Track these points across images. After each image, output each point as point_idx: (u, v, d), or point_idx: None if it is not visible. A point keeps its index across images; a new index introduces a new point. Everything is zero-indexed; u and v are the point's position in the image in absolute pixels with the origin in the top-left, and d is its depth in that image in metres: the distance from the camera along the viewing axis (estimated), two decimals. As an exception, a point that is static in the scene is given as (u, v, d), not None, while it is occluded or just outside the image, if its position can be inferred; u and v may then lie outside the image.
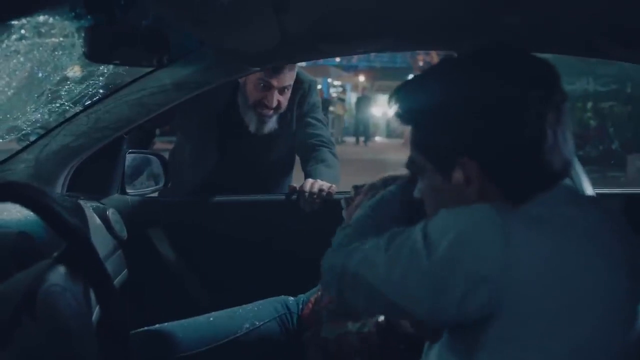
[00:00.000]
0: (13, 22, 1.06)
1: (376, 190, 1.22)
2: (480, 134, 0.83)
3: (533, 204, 0.81)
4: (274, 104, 2.01)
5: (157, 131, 2.38)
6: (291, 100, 2.11)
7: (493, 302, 0.76)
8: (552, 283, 0.76)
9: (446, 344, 0.87)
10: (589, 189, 1.13)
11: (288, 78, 2.01)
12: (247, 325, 1.49)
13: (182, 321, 1.47)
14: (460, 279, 0.76)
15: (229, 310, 1.54)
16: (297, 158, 2.27)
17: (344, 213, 1.29)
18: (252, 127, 2.06)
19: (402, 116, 0.93)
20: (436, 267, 0.78)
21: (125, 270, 1.60)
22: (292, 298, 1.61)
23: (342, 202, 1.31)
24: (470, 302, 0.76)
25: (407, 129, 0.97)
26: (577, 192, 0.87)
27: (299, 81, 2.11)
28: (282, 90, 2.01)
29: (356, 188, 1.29)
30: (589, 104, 12.46)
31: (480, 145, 0.84)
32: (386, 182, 1.23)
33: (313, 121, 2.16)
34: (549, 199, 0.82)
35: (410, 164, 0.96)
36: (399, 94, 0.93)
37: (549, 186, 0.83)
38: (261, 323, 1.51)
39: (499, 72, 0.85)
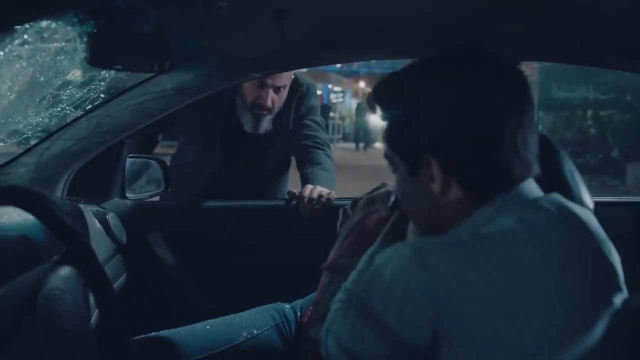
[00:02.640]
0: (16, 27, 1.07)
1: (373, 204, 1.22)
2: (442, 133, 0.86)
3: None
4: (269, 102, 2.03)
5: (159, 137, 2.38)
6: (289, 103, 2.12)
7: (436, 327, 0.79)
8: (482, 302, 0.77)
9: None
10: (587, 198, 1.13)
11: (284, 78, 2.02)
12: (245, 334, 1.48)
13: (180, 329, 1.47)
14: (401, 312, 0.80)
15: (226, 317, 1.53)
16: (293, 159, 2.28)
17: (338, 225, 1.29)
18: (247, 127, 2.09)
19: (375, 110, 0.96)
20: (383, 317, 0.82)
21: (125, 274, 1.60)
22: (287, 305, 1.61)
23: (340, 213, 1.31)
24: (417, 330, 0.80)
25: None
26: (535, 198, 0.87)
27: (297, 84, 2.12)
28: (277, 90, 2.03)
29: (354, 203, 1.28)
30: (589, 112, 12.47)
31: (442, 144, 0.86)
32: (382, 196, 1.23)
33: (310, 123, 2.18)
34: (511, 202, 0.84)
35: (385, 157, 0.99)
36: (376, 91, 0.97)
37: (508, 187, 0.85)
38: (259, 332, 1.50)
39: (465, 73, 0.87)
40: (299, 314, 1.56)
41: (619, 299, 0.83)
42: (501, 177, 0.85)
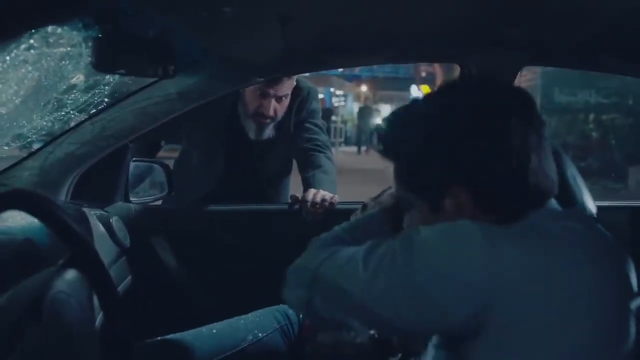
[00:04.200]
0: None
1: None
2: (468, 163, 0.85)
3: (530, 219, 0.83)
4: (271, 112, 2.04)
5: (163, 142, 2.40)
6: (290, 107, 2.14)
7: (479, 314, 0.76)
8: (539, 294, 0.76)
9: (438, 357, 0.88)
10: (590, 202, 1.13)
11: (286, 87, 2.04)
12: (251, 337, 1.49)
13: (186, 333, 1.47)
14: (445, 290, 0.77)
15: (230, 320, 1.54)
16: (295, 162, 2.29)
17: None
18: (251, 135, 2.11)
19: (386, 153, 0.95)
20: (421, 278, 0.78)
21: (129, 277, 1.61)
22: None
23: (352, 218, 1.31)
24: (456, 314, 0.77)
25: None
26: (564, 210, 0.88)
27: (298, 88, 2.14)
28: (279, 99, 2.05)
29: (365, 208, 1.27)
30: (591, 116, 12.47)
31: (469, 174, 0.86)
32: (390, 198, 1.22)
33: (310, 126, 2.19)
34: (537, 216, 0.84)
35: (397, 199, 0.97)
36: (382, 131, 0.95)
37: (538, 206, 0.86)
38: (264, 335, 1.51)
39: (479, 102, 0.87)
40: (301, 316, 1.57)
41: (635, 304, 0.84)
42: (531, 197, 0.86)
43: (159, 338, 1.44)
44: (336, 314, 0.88)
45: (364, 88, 24.13)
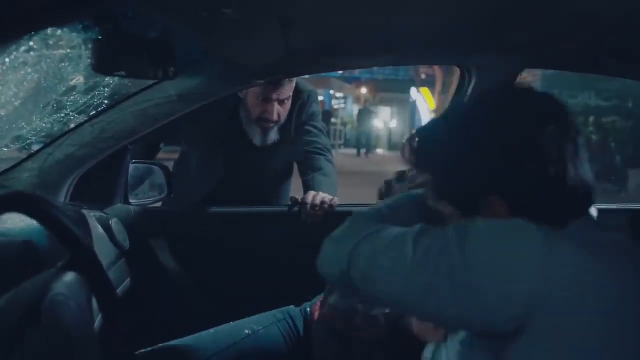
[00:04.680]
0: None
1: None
2: (504, 173, 0.85)
3: (568, 229, 0.82)
4: (275, 116, 2.05)
5: (161, 145, 2.40)
6: (290, 110, 2.14)
7: (526, 315, 0.75)
8: (589, 303, 0.76)
9: (469, 353, 0.86)
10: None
11: (287, 90, 2.04)
12: (247, 331, 1.50)
13: (185, 339, 1.47)
14: (497, 286, 0.76)
15: (231, 323, 1.54)
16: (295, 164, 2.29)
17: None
18: (257, 140, 2.11)
19: (419, 164, 0.95)
20: (473, 271, 0.77)
21: (128, 278, 1.61)
22: (293, 306, 1.62)
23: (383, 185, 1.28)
24: (503, 312, 0.76)
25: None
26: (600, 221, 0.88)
27: (298, 91, 2.14)
28: (281, 102, 2.05)
29: (388, 183, 1.24)
30: (591, 119, 12.48)
31: (505, 183, 0.85)
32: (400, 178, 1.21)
33: (311, 128, 2.19)
34: (578, 226, 0.83)
35: (429, 210, 0.95)
36: (414, 143, 0.94)
37: (576, 216, 0.85)
38: (260, 328, 1.51)
39: (513, 111, 0.87)
40: (308, 310, 1.56)
41: None
42: (569, 207, 0.85)
43: (156, 346, 1.44)
44: (370, 292, 0.87)
45: (363, 90, 24.14)
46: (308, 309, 1.58)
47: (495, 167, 0.85)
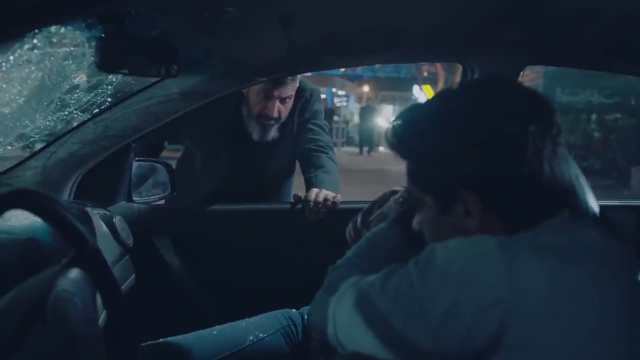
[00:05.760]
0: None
1: (384, 216, 1.20)
2: (479, 168, 0.83)
3: (536, 232, 0.80)
4: (275, 114, 2.06)
5: (165, 143, 2.40)
6: (293, 108, 2.15)
7: (498, 331, 0.75)
8: (559, 310, 0.75)
9: None
10: (593, 202, 1.13)
11: (289, 89, 2.05)
12: (252, 338, 1.49)
13: (187, 335, 1.47)
14: (468, 307, 0.75)
15: (233, 323, 1.54)
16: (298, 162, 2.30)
17: (347, 236, 1.29)
18: (255, 136, 2.12)
19: (399, 151, 0.93)
20: (441, 308, 0.76)
21: (133, 276, 1.61)
22: (294, 311, 1.61)
23: (350, 226, 1.30)
24: (479, 337, 0.75)
25: None
26: (577, 218, 0.85)
27: (300, 89, 2.14)
28: (283, 100, 2.06)
29: (365, 216, 1.25)
30: (593, 116, 12.47)
31: (479, 179, 0.84)
32: (391, 209, 1.19)
33: (313, 127, 2.20)
34: (551, 226, 0.82)
35: (408, 196, 0.96)
36: (395, 129, 0.93)
37: (549, 216, 0.83)
38: (265, 335, 1.50)
39: (496, 106, 0.85)
40: (305, 317, 1.57)
41: None
42: (541, 207, 0.83)
43: (160, 340, 1.44)
44: (363, 344, 0.86)
45: (366, 88, 24.14)
46: (305, 315, 1.58)
47: (470, 161, 0.84)
